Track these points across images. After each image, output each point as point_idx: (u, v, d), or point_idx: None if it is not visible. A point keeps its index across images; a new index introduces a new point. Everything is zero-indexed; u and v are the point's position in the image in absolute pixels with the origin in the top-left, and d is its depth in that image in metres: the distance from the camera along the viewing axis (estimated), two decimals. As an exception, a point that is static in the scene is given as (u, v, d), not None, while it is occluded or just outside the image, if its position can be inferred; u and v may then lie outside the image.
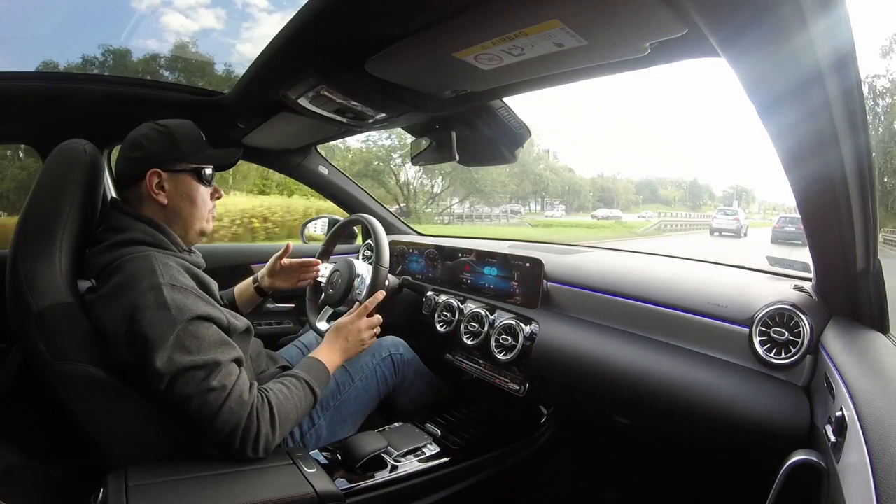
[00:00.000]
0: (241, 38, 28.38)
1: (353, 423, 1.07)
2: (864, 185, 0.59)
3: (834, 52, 0.45)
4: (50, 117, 1.19)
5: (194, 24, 27.78)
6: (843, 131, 0.53)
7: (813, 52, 0.44)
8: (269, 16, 29.31)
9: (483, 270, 1.30)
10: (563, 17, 0.56)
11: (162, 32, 25.38)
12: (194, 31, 27.26)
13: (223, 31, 28.13)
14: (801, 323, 0.78)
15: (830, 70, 0.47)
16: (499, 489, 1.10)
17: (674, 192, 43.23)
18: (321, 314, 1.29)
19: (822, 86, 0.48)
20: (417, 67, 0.80)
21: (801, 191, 0.64)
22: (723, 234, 15.64)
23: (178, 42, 23.44)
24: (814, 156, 0.58)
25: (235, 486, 0.71)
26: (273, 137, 1.39)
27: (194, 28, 27.53)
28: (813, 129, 0.53)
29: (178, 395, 0.71)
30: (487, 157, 1.22)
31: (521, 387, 1.12)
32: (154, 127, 0.84)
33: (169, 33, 25.55)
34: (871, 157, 0.57)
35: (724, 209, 20.69)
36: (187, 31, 26.69)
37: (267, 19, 29.34)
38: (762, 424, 0.74)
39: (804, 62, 0.46)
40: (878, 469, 0.40)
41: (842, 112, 0.51)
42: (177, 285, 0.74)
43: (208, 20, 28.35)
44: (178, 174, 0.85)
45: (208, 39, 26.94)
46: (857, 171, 0.58)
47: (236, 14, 28.47)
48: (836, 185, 0.59)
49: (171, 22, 26.82)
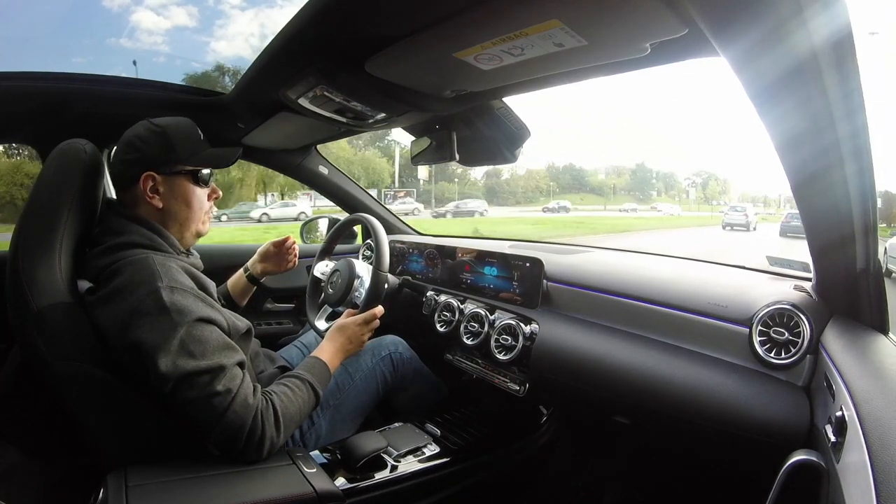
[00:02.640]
0: (214, 36, 28.00)
1: (353, 422, 1.07)
2: (865, 185, 0.59)
3: (834, 52, 0.45)
4: (50, 117, 1.19)
5: (166, 21, 27.30)
6: (844, 131, 0.53)
7: (813, 53, 0.44)
8: (242, 13, 28.80)
9: (483, 270, 1.30)
10: (563, 17, 0.56)
11: (134, 31, 24.89)
12: (166, 29, 26.70)
13: (196, 28, 27.65)
14: (801, 323, 0.78)
15: (831, 70, 0.47)
16: (499, 489, 1.10)
17: (613, 180, 39.69)
18: (321, 313, 1.30)
19: (822, 86, 0.48)
20: (417, 67, 0.80)
21: (800, 190, 0.64)
22: (734, 229, 16.59)
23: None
24: (813, 155, 0.58)
25: (235, 486, 0.71)
26: (273, 137, 1.39)
27: (166, 26, 26.97)
28: (813, 129, 0.53)
29: (183, 399, 0.71)
30: (487, 157, 1.22)
31: (521, 387, 1.12)
32: (149, 127, 0.82)
33: (141, 31, 25.10)
34: (871, 156, 0.57)
35: (735, 206, 22.03)
36: (159, 29, 26.13)
37: (240, 16, 28.87)
38: (762, 424, 0.74)
39: (804, 63, 0.46)
40: (878, 469, 0.40)
41: (842, 112, 0.51)
42: (176, 287, 0.73)
43: (180, 18, 27.93)
44: (174, 177, 0.83)
45: (181, 37, 26.46)
46: (858, 171, 0.58)
47: (209, 11, 27.96)
48: (837, 186, 0.59)
49: (143, 20, 26.33)
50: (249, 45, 29.42)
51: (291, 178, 1.76)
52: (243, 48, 28.89)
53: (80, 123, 1.19)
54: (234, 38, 28.51)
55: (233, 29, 28.79)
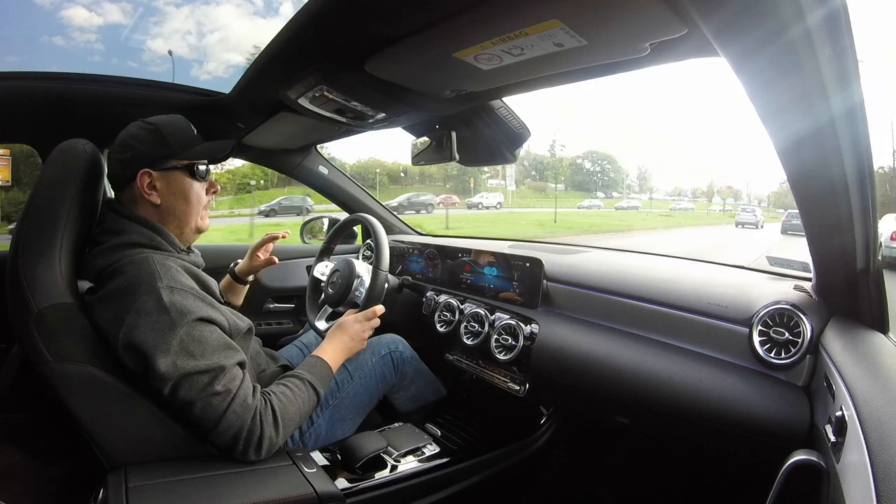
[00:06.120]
0: (150, 34, 27.45)
1: (352, 421, 1.07)
2: (865, 184, 0.59)
3: (834, 52, 0.45)
4: (50, 117, 1.19)
5: (99, 18, 26.51)
6: (844, 131, 0.53)
7: (813, 52, 0.44)
8: (178, 9, 28.32)
9: (483, 270, 1.30)
10: (563, 17, 0.56)
11: (65, 28, 24.35)
12: (99, 26, 26.08)
13: (130, 25, 26.98)
14: (801, 323, 0.78)
15: (831, 70, 0.47)
16: (499, 489, 1.10)
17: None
18: (321, 313, 1.29)
19: (822, 85, 0.48)
20: (417, 67, 0.80)
21: (801, 191, 0.64)
22: (745, 227, 19.45)
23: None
24: (814, 155, 0.58)
25: (235, 486, 0.71)
26: (273, 137, 1.39)
27: (98, 23, 26.33)
28: (813, 128, 0.53)
29: (182, 399, 0.71)
30: (487, 157, 1.22)
31: (521, 387, 1.12)
32: (142, 126, 0.83)
33: (72, 29, 24.61)
34: (871, 156, 0.57)
35: (745, 207, 26.74)
36: (91, 26, 25.55)
37: (175, 13, 28.38)
38: (762, 424, 0.74)
39: (805, 62, 0.46)
40: (878, 469, 0.40)
41: (842, 111, 0.51)
42: (176, 287, 0.73)
43: (114, 14, 27.06)
44: (170, 172, 0.83)
45: (115, 35, 25.91)
46: (858, 171, 0.58)
47: (142, 8, 27.38)
48: (837, 185, 0.59)
49: (75, 16, 25.66)
50: (186, 43, 28.77)
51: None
52: (180, 46, 28.29)
53: (80, 123, 1.19)
54: (170, 37, 28.02)
55: (168, 27, 28.15)
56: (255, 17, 34.01)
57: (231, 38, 31.80)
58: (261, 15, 34.15)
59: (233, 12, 32.58)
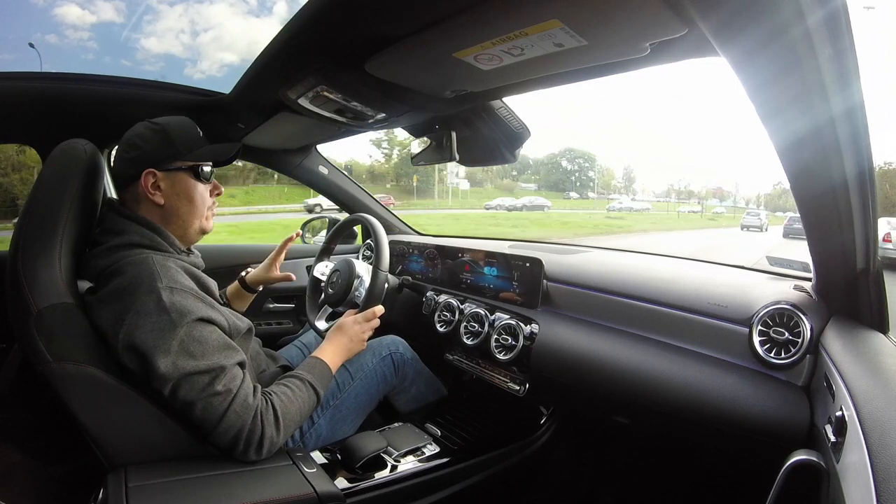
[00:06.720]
0: (144, 33, 27.25)
1: (353, 421, 1.07)
2: (864, 184, 0.59)
3: (834, 52, 0.45)
4: (50, 117, 1.19)
5: (92, 16, 26.36)
6: (844, 130, 0.53)
7: (813, 52, 0.44)
8: (171, 8, 28.09)
9: (483, 270, 1.30)
10: (563, 17, 0.56)
11: (58, 26, 24.04)
12: (93, 24, 25.83)
13: (124, 24, 26.69)
14: (801, 323, 0.78)
15: (831, 70, 0.47)
16: (499, 489, 1.10)
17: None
18: (321, 314, 1.29)
19: (822, 85, 0.48)
20: (417, 67, 0.80)
21: (801, 191, 0.64)
22: (750, 230, 20.34)
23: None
24: (814, 155, 0.58)
25: (235, 486, 0.71)
26: (273, 137, 1.39)
27: (92, 20, 26.10)
28: (813, 128, 0.53)
29: (183, 400, 0.71)
30: (487, 157, 1.22)
31: (521, 387, 1.12)
32: (149, 126, 0.83)
33: (66, 27, 24.32)
34: (871, 156, 0.57)
35: (750, 210, 28.39)
36: (85, 24, 25.28)
37: (168, 12, 28.12)
38: (762, 424, 0.74)
39: (805, 62, 0.46)
40: (878, 469, 0.40)
41: (842, 110, 0.51)
42: (176, 287, 0.73)
43: (107, 13, 27.03)
44: (174, 173, 0.84)
45: (109, 33, 25.60)
46: (858, 171, 0.58)
47: (137, 6, 27.19)
48: (837, 185, 0.59)
49: (68, 14, 25.46)
50: (180, 41, 28.60)
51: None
52: (174, 45, 28.13)
53: (80, 123, 1.19)
54: (164, 35, 27.92)
55: (161, 25, 27.98)
56: (249, 16, 33.73)
57: (225, 36, 31.56)
58: (254, 14, 33.87)
59: (226, 11, 32.31)
